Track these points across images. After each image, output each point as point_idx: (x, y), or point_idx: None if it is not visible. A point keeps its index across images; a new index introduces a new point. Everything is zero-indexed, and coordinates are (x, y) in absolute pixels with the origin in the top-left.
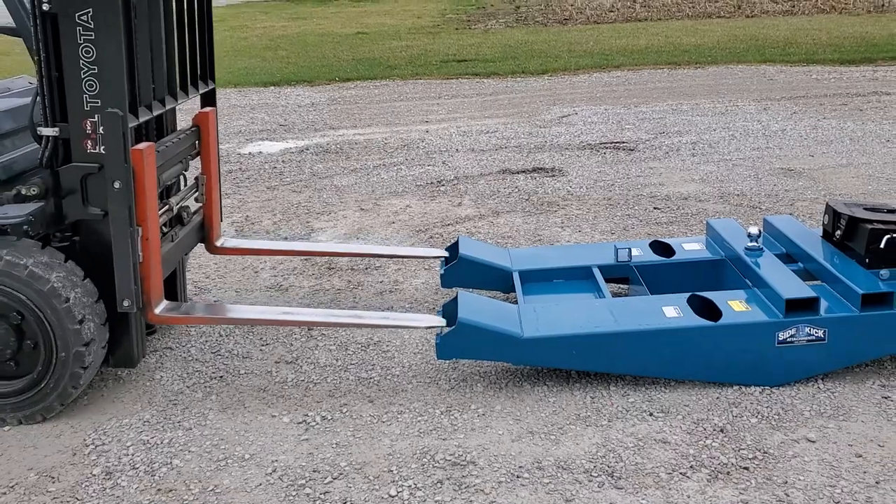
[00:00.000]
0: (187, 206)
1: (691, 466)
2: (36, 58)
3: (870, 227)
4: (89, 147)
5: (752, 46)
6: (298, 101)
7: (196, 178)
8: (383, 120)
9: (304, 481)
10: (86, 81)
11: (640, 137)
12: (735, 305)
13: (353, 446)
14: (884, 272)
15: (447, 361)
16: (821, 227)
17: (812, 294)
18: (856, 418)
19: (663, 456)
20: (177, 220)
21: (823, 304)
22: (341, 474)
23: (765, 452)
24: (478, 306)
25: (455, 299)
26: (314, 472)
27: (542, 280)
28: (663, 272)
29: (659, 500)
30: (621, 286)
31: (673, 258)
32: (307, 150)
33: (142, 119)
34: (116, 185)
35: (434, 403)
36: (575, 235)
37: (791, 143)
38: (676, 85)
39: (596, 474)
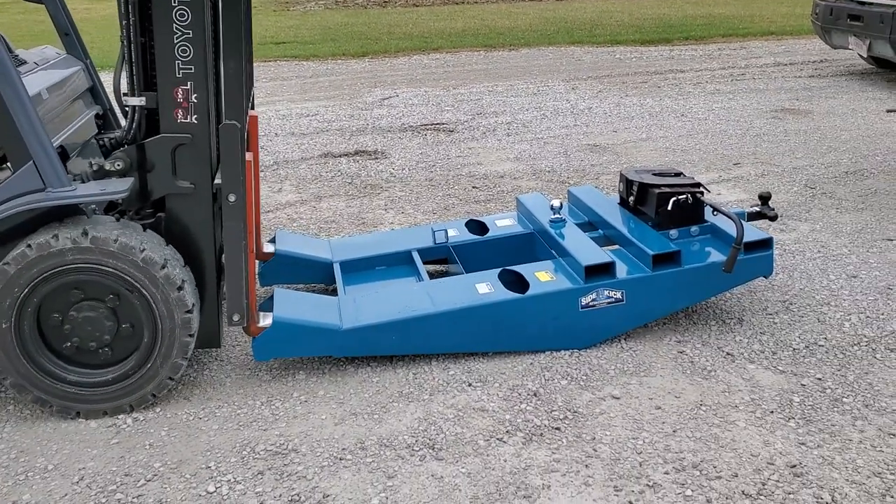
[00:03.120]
0: None
1: (507, 431)
2: (124, 22)
3: (657, 191)
4: (180, 117)
5: (561, 28)
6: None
7: None
8: None
9: (114, 487)
10: (178, 47)
11: (459, 119)
12: (541, 276)
13: (169, 446)
14: (673, 232)
15: None
16: (618, 195)
17: (608, 259)
18: (655, 373)
19: (482, 424)
20: None
21: (621, 267)
22: (156, 476)
23: (574, 412)
24: (294, 302)
25: (272, 297)
26: (126, 475)
27: (363, 269)
28: (478, 250)
29: (478, 466)
30: (442, 266)
31: (486, 236)
32: None
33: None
34: (232, 198)
35: (254, 395)
36: (398, 217)
37: (597, 121)
38: (492, 67)
39: (418, 448)
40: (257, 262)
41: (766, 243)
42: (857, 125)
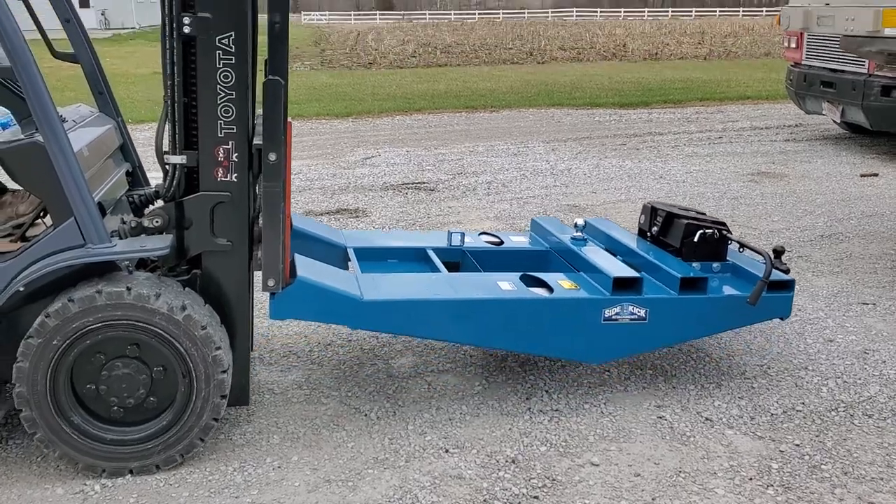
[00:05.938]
0: None
1: (485, 500)
2: (168, 82)
3: (685, 221)
4: (220, 175)
5: (542, 91)
6: None
7: None
8: None
9: None
10: (221, 107)
11: (440, 178)
12: (564, 284)
13: None
14: (696, 265)
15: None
16: (636, 228)
17: (637, 275)
18: (634, 439)
19: (458, 492)
20: None
21: (647, 286)
22: None
23: (553, 479)
24: (316, 268)
25: (292, 261)
26: None
27: (376, 259)
28: (493, 258)
29: None
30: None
31: (502, 246)
32: None
33: None
34: (272, 157)
35: (226, 460)
36: None
37: (576, 181)
38: (473, 128)
39: None
40: None
41: (788, 285)
42: (832, 189)
